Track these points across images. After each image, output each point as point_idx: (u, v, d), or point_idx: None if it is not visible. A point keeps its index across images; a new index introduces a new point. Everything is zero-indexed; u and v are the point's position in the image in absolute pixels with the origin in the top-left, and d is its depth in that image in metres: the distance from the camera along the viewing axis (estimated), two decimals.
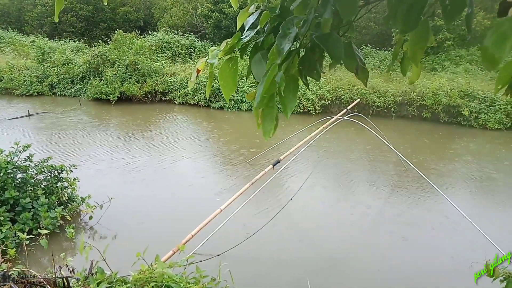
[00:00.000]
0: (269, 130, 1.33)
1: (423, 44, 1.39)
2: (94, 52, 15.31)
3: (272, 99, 1.34)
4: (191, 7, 21.23)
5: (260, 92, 1.31)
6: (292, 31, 1.31)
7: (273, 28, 1.51)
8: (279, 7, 1.50)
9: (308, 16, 1.37)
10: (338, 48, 1.34)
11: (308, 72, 1.54)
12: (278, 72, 1.28)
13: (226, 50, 1.51)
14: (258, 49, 1.56)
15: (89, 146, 9.28)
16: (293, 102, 1.35)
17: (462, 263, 4.70)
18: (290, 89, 1.34)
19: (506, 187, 7.42)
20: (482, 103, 12.02)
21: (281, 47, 1.29)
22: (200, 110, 13.82)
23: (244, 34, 1.55)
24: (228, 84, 1.52)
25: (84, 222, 5.58)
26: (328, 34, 1.37)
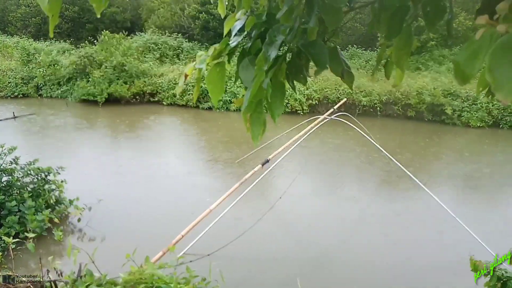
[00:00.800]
0: (257, 134, 1.36)
1: (407, 49, 1.44)
2: (80, 53, 15.12)
3: (260, 104, 1.37)
4: (178, 8, 21.14)
5: (248, 97, 1.34)
6: (279, 38, 1.35)
7: (260, 34, 1.54)
8: (265, 14, 1.54)
9: (294, 24, 1.40)
10: (323, 56, 1.39)
11: (294, 76, 1.58)
12: (265, 79, 1.31)
13: (214, 55, 1.55)
14: (245, 55, 1.58)
15: (77, 148, 9.20)
16: (280, 108, 1.38)
17: (448, 259, 4.82)
18: (277, 95, 1.38)
19: (489, 184, 7.61)
20: (465, 101, 12.29)
21: (268, 54, 1.32)
22: (189, 111, 13.79)
23: (232, 40, 1.58)
24: (216, 88, 1.54)
25: (73, 224, 5.55)
26: (313, 42, 1.42)
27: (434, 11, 1.36)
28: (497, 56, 0.72)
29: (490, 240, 4.96)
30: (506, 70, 0.70)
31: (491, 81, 0.71)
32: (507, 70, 0.70)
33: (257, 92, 1.33)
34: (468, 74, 0.84)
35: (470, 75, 0.84)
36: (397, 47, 1.45)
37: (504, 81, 0.70)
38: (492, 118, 11.96)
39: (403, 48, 1.43)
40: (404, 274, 4.60)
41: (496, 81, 0.71)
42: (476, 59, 0.81)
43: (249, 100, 1.34)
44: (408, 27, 1.37)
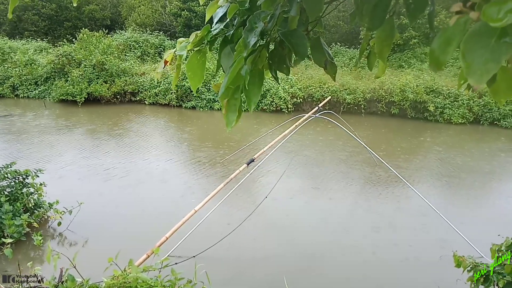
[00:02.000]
0: (231, 120, 1.34)
1: (389, 41, 1.43)
2: (58, 52, 14.76)
3: (237, 90, 1.34)
4: (159, 5, 20.89)
5: (226, 83, 1.32)
6: (259, 25, 1.32)
7: (242, 22, 1.51)
8: (248, 1, 1.50)
9: (275, 11, 1.37)
10: (303, 46, 1.37)
11: (277, 66, 1.56)
12: (243, 65, 1.29)
13: (196, 42, 1.51)
14: (227, 42, 1.56)
15: (56, 149, 8.93)
16: (257, 96, 1.36)
17: (431, 253, 4.86)
18: (255, 83, 1.36)
19: (470, 179, 7.75)
20: (447, 98, 12.53)
21: (247, 40, 1.29)
22: (171, 110, 13.61)
23: (214, 27, 1.55)
24: (196, 76, 1.52)
25: (53, 228, 5.37)
26: (293, 31, 1.40)
27: (416, 3, 1.35)
28: (470, 43, 0.73)
29: (473, 235, 5.04)
30: (478, 56, 0.71)
31: (464, 66, 0.73)
32: (479, 56, 0.71)
33: (234, 78, 1.32)
34: (441, 60, 0.85)
35: (443, 61, 0.85)
36: (379, 39, 1.43)
37: (476, 66, 0.71)
38: (473, 115, 12.24)
39: (386, 40, 1.42)
40: (390, 271, 4.62)
41: (469, 67, 0.73)
42: (449, 46, 0.83)
43: (226, 85, 1.32)
44: (390, 18, 1.37)
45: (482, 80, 0.71)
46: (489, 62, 0.70)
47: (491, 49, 0.71)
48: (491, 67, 0.70)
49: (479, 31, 0.73)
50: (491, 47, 0.71)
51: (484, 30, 0.72)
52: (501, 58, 0.70)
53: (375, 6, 1.33)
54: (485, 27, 0.71)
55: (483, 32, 0.72)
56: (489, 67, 0.70)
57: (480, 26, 0.73)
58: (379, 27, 1.36)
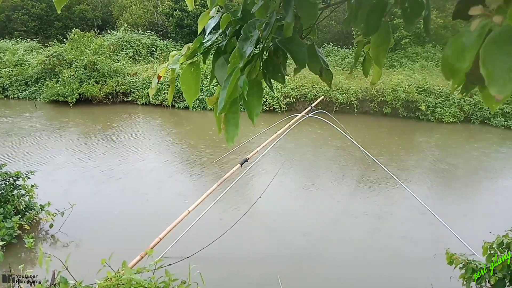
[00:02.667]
0: (232, 136, 1.28)
1: (385, 46, 1.41)
2: (49, 52, 14.59)
3: (235, 103, 1.28)
4: (151, 5, 20.78)
5: (223, 97, 1.25)
6: (254, 34, 1.28)
7: (235, 31, 1.47)
8: (240, 10, 1.46)
9: (270, 19, 1.34)
10: (302, 53, 1.33)
11: (272, 75, 1.51)
12: (240, 76, 1.23)
13: (188, 55, 1.46)
14: (221, 53, 1.52)
15: (47, 151, 8.83)
16: (258, 107, 1.30)
17: (425, 251, 4.90)
18: (254, 94, 1.30)
19: (462, 178, 7.84)
20: (438, 98, 12.65)
21: (243, 50, 1.25)
22: (164, 111, 13.55)
23: (206, 38, 1.50)
24: (191, 89, 1.46)
25: (45, 230, 5.31)
26: (291, 38, 1.36)
27: (412, 8, 1.33)
28: (491, 49, 0.67)
29: (465, 233, 5.10)
30: (500, 64, 0.66)
31: (484, 74, 0.67)
32: (502, 63, 0.65)
33: (232, 91, 1.25)
34: (457, 68, 0.79)
35: (459, 69, 0.78)
36: (375, 44, 1.41)
37: (498, 75, 0.66)
38: (464, 114, 12.37)
39: (381, 45, 1.40)
40: (383, 269, 4.64)
41: (490, 75, 0.66)
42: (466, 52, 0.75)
43: (225, 100, 1.25)
44: (386, 24, 1.34)
45: (506, 90, 0.65)
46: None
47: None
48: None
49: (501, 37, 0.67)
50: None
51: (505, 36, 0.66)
52: None
53: (371, 11, 1.30)
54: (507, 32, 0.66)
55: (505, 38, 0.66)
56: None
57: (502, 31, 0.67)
58: (375, 32, 1.33)
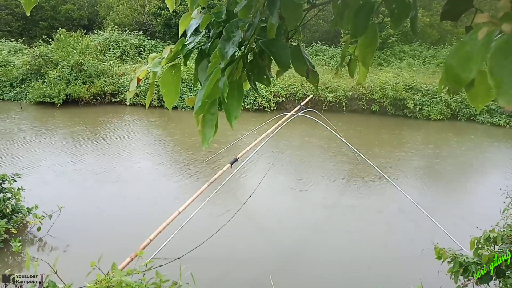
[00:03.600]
0: (208, 137, 1.24)
1: (372, 47, 1.39)
2: (34, 53, 14.36)
3: (214, 105, 1.25)
4: (138, 4, 20.59)
5: (201, 97, 1.22)
6: (237, 34, 1.25)
7: (218, 33, 1.43)
8: (224, 11, 1.43)
9: (253, 19, 1.31)
10: (285, 55, 1.30)
11: (257, 77, 1.48)
12: (221, 77, 1.20)
13: (170, 58, 1.42)
14: (204, 56, 1.48)
15: (34, 153, 8.69)
16: (238, 110, 1.26)
17: (413, 247, 4.96)
18: (234, 96, 1.26)
19: (450, 174, 7.95)
20: (425, 95, 12.82)
21: (225, 50, 1.22)
22: (153, 111, 13.44)
23: (188, 40, 1.46)
24: (171, 92, 1.42)
25: (32, 234, 5.23)
26: (274, 40, 1.33)
27: (399, 8, 1.33)
28: (498, 58, 0.65)
29: (453, 228, 5.18)
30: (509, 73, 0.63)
31: (493, 84, 0.65)
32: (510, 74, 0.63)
33: (211, 91, 1.22)
34: (463, 78, 0.75)
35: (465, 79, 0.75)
36: (362, 46, 1.39)
37: (507, 85, 0.63)
38: (451, 111, 12.57)
39: (369, 46, 1.38)
40: (374, 266, 4.69)
41: (498, 85, 0.64)
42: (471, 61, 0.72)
43: (202, 100, 1.22)
44: (373, 25, 1.32)
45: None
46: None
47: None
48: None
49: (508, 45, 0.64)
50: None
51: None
52: None
53: (358, 11, 1.28)
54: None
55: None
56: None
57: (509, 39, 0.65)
58: (363, 34, 1.31)
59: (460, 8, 0.82)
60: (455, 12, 1.21)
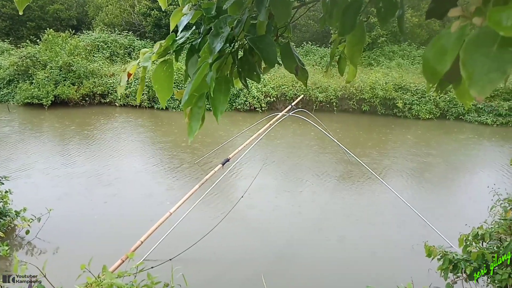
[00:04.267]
0: (194, 130, 1.27)
1: (360, 46, 1.42)
2: (22, 54, 14.15)
3: (201, 98, 1.28)
4: (128, 4, 20.43)
5: (189, 90, 1.25)
6: (225, 30, 1.27)
7: (209, 29, 1.45)
8: (214, 8, 1.45)
9: (242, 16, 1.33)
10: (272, 52, 1.32)
11: (247, 74, 1.50)
12: (208, 72, 1.23)
13: (160, 52, 1.43)
14: (194, 52, 1.50)
15: (22, 155, 8.56)
16: (224, 104, 1.29)
17: (404, 246, 5.01)
18: (221, 91, 1.29)
19: (440, 173, 8.05)
20: (414, 95, 12.96)
21: (213, 46, 1.25)
22: (143, 112, 13.35)
23: (179, 36, 1.48)
24: (164, 88, 1.42)
25: (20, 237, 5.15)
26: (262, 36, 1.36)
27: (386, 7, 1.35)
28: (470, 51, 0.67)
29: (443, 226, 5.24)
30: (479, 66, 0.66)
31: (465, 76, 0.67)
32: (481, 66, 0.65)
33: (199, 85, 1.25)
34: (438, 71, 0.78)
35: (440, 71, 0.78)
36: (350, 44, 1.41)
37: (477, 77, 0.66)
38: (440, 110, 12.74)
39: (357, 45, 1.41)
40: (366, 264, 4.72)
41: (470, 77, 0.66)
42: (446, 54, 0.75)
43: (190, 93, 1.25)
44: (361, 23, 1.34)
45: (485, 91, 0.64)
46: (492, 72, 0.64)
47: (493, 58, 0.65)
48: (494, 77, 0.64)
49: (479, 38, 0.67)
50: (493, 55, 0.65)
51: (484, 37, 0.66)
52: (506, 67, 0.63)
53: (346, 9, 1.30)
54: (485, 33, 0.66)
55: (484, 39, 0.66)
56: (492, 77, 0.64)
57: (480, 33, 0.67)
58: (350, 32, 1.33)
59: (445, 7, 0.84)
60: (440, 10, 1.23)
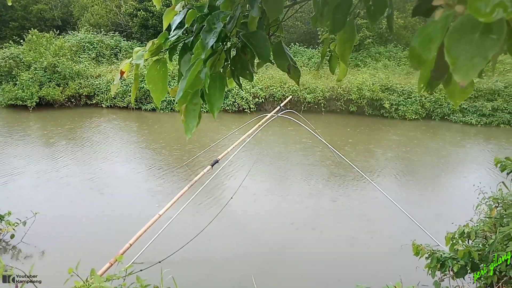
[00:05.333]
0: (191, 127, 1.27)
1: (350, 43, 1.44)
2: (5, 54, 13.88)
3: (196, 95, 1.28)
4: (114, 5, 20.22)
5: (183, 87, 1.25)
6: (218, 26, 1.28)
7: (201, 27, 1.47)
8: (207, 6, 1.46)
9: (235, 12, 1.34)
10: (265, 47, 1.34)
11: (240, 72, 1.52)
12: (203, 68, 1.23)
13: (153, 50, 1.43)
14: (187, 50, 1.50)
15: (6, 158, 8.39)
16: (220, 100, 1.29)
17: (392, 245, 5.07)
18: (216, 87, 1.30)
19: (426, 172, 8.18)
20: (401, 95, 13.14)
21: (206, 41, 1.25)
22: (130, 113, 13.22)
23: (171, 34, 1.48)
24: (158, 88, 1.42)
25: (5, 241, 5.03)
26: (255, 32, 1.37)
27: (376, 5, 1.37)
28: (453, 38, 0.71)
29: (430, 225, 5.32)
30: (463, 52, 0.69)
31: (449, 62, 0.70)
32: (464, 52, 0.69)
33: (193, 81, 1.25)
34: (424, 58, 0.82)
35: (426, 59, 0.81)
36: (341, 41, 1.44)
37: (461, 62, 0.69)
38: (425, 111, 12.94)
39: (347, 42, 1.44)
40: (356, 267, 4.76)
41: (454, 63, 0.70)
42: (432, 42, 0.79)
43: (184, 89, 1.25)
44: (351, 21, 1.37)
45: (469, 76, 0.68)
46: (475, 58, 0.68)
47: (476, 44, 0.68)
48: (477, 63, 0.68)
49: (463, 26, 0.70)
50: (476, 42, 0.69)
51: (467, 25, 0.69)
52: (487, 53, 0.67)
53: (336, 8, 1.33)
54: (469, 21, 0.69)
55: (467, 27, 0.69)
56: (475, 63, 0.68)
57: (463, 20, 0.70)
58: (341, 29, 1.36)
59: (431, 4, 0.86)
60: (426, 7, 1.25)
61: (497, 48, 0.67)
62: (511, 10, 0.62)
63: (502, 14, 0.62)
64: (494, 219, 3.17)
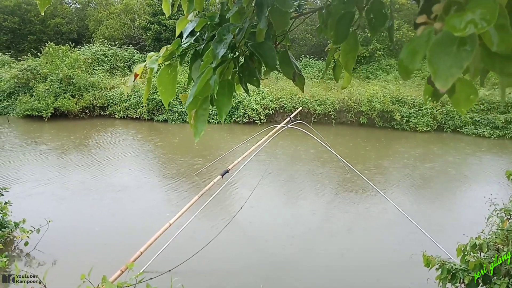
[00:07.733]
0: (200, 131, 1.35)
1: (353, 53, 1.51)
2: (23, 66, 14.28)
3: (206, 101, 1.36)
4: (128, 19, 20.71)
5: (193, 92, 1.33)
6: (228, 37, 1.36)
7: (212, 36, 1.55)
8: (218, 16, 1.56)
9: (244, 24, 1.43)
10: (272, 57, 1.43)
11: (248, 79, 1.60)
12: (212, 76, 1.32)
13: (166, 56, 1.53)
14: (198, 57, 1.60)
15: (22, 167, 8.58)
16: (227, 106, 1.38)
17: (403, 256, 5.00)
18: (225, 93, 1.38)
19: (438, 184, 8.08)
20: (412, 107, 13.06)
21: (216, 51, 1.33)
22: (142, 124, 13.41)
23: (184, 41, 1.58)
24: (167, 90, 1.52)
25: (19, 249, 5.13)
26: (262, 43, 1.46)
27: (376, 18, 1.45)
28: (435, 51, 0.80)
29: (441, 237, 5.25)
30: (442, 62, 0.78)
31: (431, 71, 0.79)
32: (444, 62, 0.78)
33: (203, 88, 1.33)
34: (410, 69, 0.92)
35: (412, 69, 0.92)
36: (344, 52, 1.50)
37: (441, 72, 0.78)
38: (437, 123, 12.82)
39: (350, 52, 1.50)
40: (364, 274, 4.71)
41: (435, 72, 0.79)
42: (416, 55, 0.89)
43: (194, 95, 1.33)
44: (354, 32, 1.44)
45: (448, 83, 0.77)
46: (452, 67, 0.77)
47: (453, 56, 0.78)
48: (454, 72, 0.77)
49: (442, 40, 0.80)
50: (453, 54, 0.78)
51: (446, 39, 0.79)
52: (463, 63, 0.77)
53: (339, 20, 1.40)
54: (447, 36, 0.78)
55: (446, 41, 0.79)
56: (453, 72, 0.77)
57: (442, 36, 0.79)
58: (344, 40, 1.43)
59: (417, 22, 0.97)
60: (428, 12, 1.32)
61: (471, 58, 0.76)
62: (481, 26, 0.72)
63: (473, 30, 0.73)
64: (506, 231, 3.13)
